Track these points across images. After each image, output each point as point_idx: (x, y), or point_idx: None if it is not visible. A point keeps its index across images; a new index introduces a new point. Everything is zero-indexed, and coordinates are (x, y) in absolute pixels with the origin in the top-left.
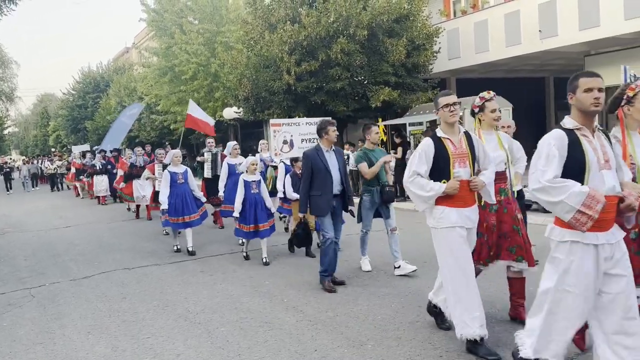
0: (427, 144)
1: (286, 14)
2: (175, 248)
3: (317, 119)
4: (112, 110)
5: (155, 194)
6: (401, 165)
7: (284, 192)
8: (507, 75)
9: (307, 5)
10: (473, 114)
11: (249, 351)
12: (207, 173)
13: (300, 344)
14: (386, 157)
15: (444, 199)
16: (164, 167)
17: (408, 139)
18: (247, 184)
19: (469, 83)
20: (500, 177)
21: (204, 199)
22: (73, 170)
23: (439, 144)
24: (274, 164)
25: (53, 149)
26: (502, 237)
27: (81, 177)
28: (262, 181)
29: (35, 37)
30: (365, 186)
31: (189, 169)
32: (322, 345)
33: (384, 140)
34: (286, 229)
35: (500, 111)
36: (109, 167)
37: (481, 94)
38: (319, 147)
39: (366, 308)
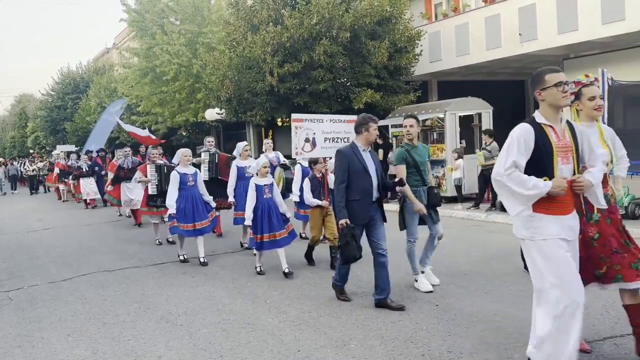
0: (526, 129)
1: (269, 15)
2: (181, 258)
3: (343, 116)
4: (92, 111)
5: (149, 198)
6: (384, 166)
7: (300, 197)
8: (488, 78)
9: (290, 6)
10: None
11: (231, 352)
12: (205, 175)
13: (283, 344)
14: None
15: (540, 204)
16: (157, 168)
17: (390, 141)
18: (258, 189)
19: (450, 85)
20: (602, 180)
21: (213, 204)
22: (57, 171)
23: (540, 132)
24: (284, 162)
25: (32, 151)
26: (614, 253)
27: (65, 179)
28: (275, 184)
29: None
30: (409, 187)
31: (198, 171)
32: (305, 345)
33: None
34: (301, 236)
35: (602, 99)
36: (96, 168)
37: (577, 78)
38: (354, 146)
39: (349, 308)
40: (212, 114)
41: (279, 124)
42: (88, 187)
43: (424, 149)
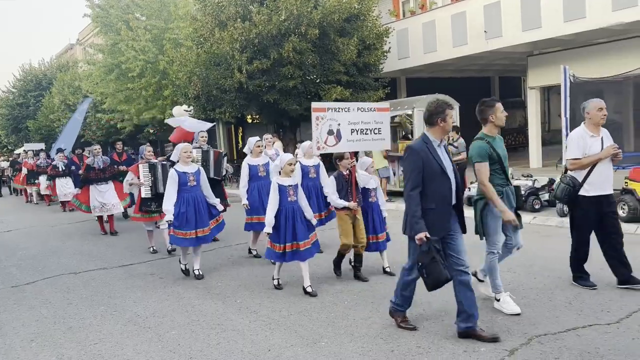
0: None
1: (236, 11)
2: (182, 267)
3: (373, 104)
4: (55, 109)
5: (142, 202)
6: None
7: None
8: (455, 75)
9: (258, 3)
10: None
11: (201, 354)
12: None
13: (253, 344)
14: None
15: None
16: (151, 167)
17: None
18: (282, 190)
19: (418, 82)
20: None
21: (220, 207)
22: (25, 171)
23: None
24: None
25: None
26: None
27: (34, 179)
28: (300, 185)
29: None
30: (492, 187)
31: (202, 169)
32: (275, 344)
33: None
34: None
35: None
36: (73, 167)
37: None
38: (427, 139)
39: (320, 306)
40: (180, 111)
41: (249, 120)
42: (65, 187)
43: (502, 142)
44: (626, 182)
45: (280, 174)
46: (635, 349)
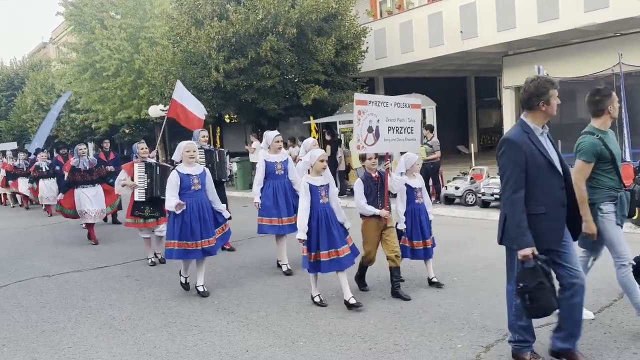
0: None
1: (213, 10)
2: (183, 280)
3: (409, 99)
4: (28, 109)
5: (135, 205)
6: (331, 163)
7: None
8: (432, 74)
9: (235, 1)
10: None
11: (178, 356)
12: None
13: (231, 345)
14: None
15: None
16: (148, 167)
17: (338, 137)
18: (314, 191)
19: (396, 82)
20: None
21: (227, 214)
22: (3, 173)
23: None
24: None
25: None
26: None
27: (10, 181)
28: (332, 185)
29: None
30: (605, 190)
31: (207, 170)
32: (253, 345)
33: (316, 137)
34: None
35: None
36: (57, 168)
37: None
38: (527, 127)
39: (298, 305)
40: (156, 110)
41: (227, 120)
42: (48, 190)
43: (614, 135)
44: None
45: (309, 172)
46: (607, 342)
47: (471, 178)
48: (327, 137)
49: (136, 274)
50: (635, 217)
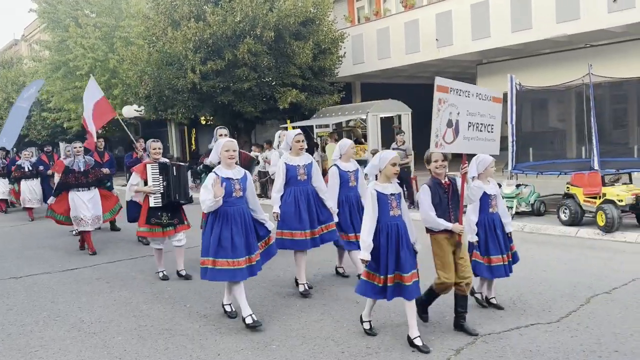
0: None
1: (190, 11)
2: (228, 309)
3: (490, 92)
4: None
5: (150, 212)
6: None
7: (342, 214)
8: (408, 81)
9: (212, 3)
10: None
11: (148, 359)
12: None
13: (202, 349)
14: None
15: None
16: (163, 168)
17: (315, 141)
18: (383, 200)
19: (372, 88)
20: None
21: (270, 225)
22: None
23: None
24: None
25: None
26: None
27: None
28: (402, 194)
29: None
30: None
31: (248, 173)
32: (225, 348)
33: None
34: (337, 271)
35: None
36: (41, 167)
37: None
38: None
39: (271, 308)
40: (130, 111)
41: (203, 122)
42: (30, 192)
43: None
44: (568, 187)
45: (376, 178)
46: (574, 346)
47: None
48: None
49: (107, 276)
50: (602, 224)
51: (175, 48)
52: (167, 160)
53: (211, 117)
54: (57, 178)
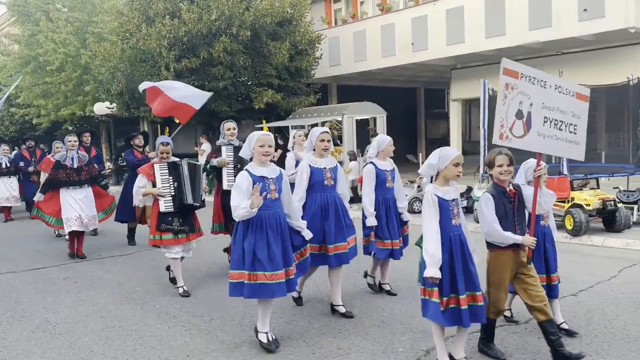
0: None
1: (165, 7)
2: (265, 340)
3: (572, 85)
4: None
5: (160, 217)
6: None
7: (398, 215)
8: (384, 84)
9: (188, 0)
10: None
11: None
12: (229, 183)
13: (171, 350)
14: None
15: None
16: (172, 168)
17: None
18: (445, 207)
19: (349, 90)
20: None
21: (309, 234)
22: None
23: None
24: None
25: None
26: None
27: None
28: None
29: None
30: None
31: (283, 171)
32: (195, 350)
33: None
34: (369, 284)
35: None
36: (21, 164)
37: None
38: None
39: (242, 310)
40: (101, 108)
41: (177, 120)
42: (7, 189)
43: None
44: None
45: (433, 179)
46: (541, 347)
47: (418, 186)
48: (280, 142)
49: (75, 275)
50: (570, 228)
51: (149, 45)
52: (178, 159)
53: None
54: (43, 176)
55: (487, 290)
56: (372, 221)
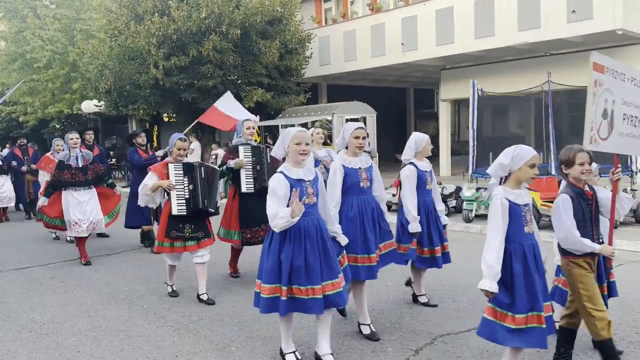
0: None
1: (154, 5)
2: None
3: None
4: None
5: (170, 222)
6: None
7: (433, 224)
8: (373, 84)
9: None
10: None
11: None
12: (248, 185)
13: (159, 350)
14: None
15: None
16: (187, 169)
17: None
18: (516, 213)
19: (339, 89)
20: None
21: (344, 240)
22: None
23: None
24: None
25: None
26: None
27: None
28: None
29: None
30: None
31: (318, 172)
32: (183, 350)
33: (258, 140)
34: (425, 303)
35: None
36: (14, 163)
37: None
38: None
39: (232, 310)
40: (89, 105)
41: (165, 119)
42: (1, 189)
43: None
44: None
45: (502, 181)
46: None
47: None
48: (269, 141)
49: (61, 275)
50: None
51: (138, 43)
52: (193, 161)
53: (174, 114)
54: (42, 175)
55: (582, 308)
56: (415, 227)
